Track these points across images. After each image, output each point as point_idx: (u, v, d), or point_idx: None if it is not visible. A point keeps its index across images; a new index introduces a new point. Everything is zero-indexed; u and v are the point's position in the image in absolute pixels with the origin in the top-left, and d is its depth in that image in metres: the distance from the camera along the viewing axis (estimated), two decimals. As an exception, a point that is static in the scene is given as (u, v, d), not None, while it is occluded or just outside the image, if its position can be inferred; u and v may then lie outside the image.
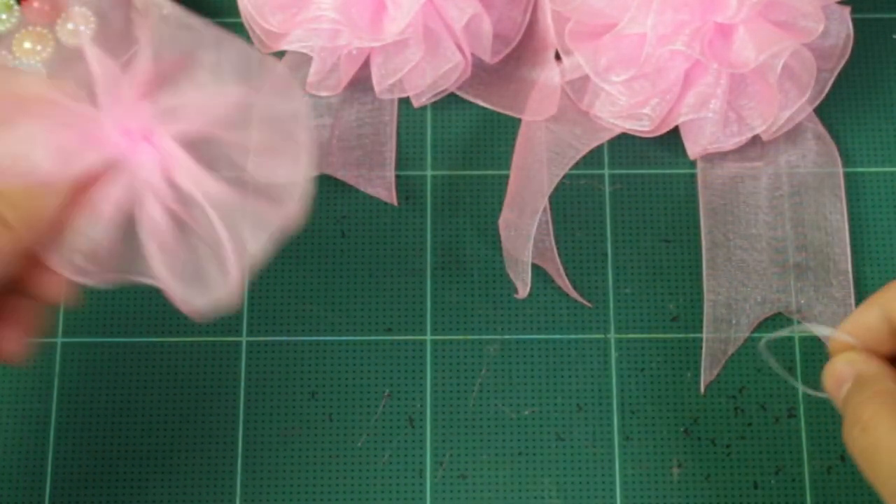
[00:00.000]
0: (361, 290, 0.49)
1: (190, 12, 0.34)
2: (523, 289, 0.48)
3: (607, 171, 0.51)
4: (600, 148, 0.51)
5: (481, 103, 0.52)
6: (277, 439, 0.47)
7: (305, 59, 0.51)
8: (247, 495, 0.47)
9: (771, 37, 0.47)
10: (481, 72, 0.52)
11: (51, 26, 0.52)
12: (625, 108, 0.49)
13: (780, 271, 0.49)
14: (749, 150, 0.51)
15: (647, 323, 0.49)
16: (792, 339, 0.49)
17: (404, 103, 0.52)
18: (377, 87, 0.50)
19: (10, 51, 0.52)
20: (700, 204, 0.50)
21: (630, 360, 0.48)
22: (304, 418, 0.48)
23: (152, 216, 0.34)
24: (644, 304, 0.49)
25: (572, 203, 0.51)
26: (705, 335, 0.48)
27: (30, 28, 0.52)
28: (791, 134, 0.50)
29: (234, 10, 0.51)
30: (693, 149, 0.50)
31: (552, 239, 0.49)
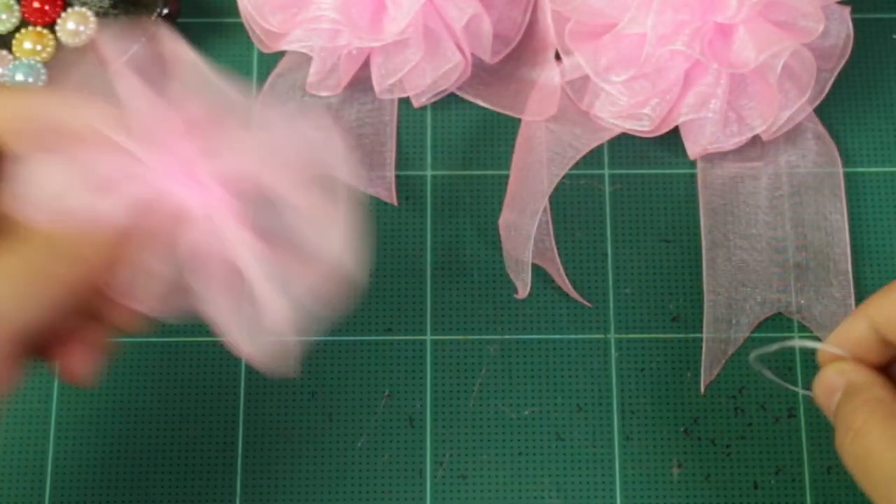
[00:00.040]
0: (361, 290, 0.49)
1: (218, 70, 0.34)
2: (523, 289, 0.48)
3: (607, 171, 0.51)
4: (600, 148, 0.51)
5: (481, 103, 0.52)
6: (277, 439, 0.47)
7: (305, 59, 0.51)
8: (247, 495, 0.47)
9: (771, 37, 0.47)
10: (481, 72, 0.52)
11: (51, 26, 0.52)
12: (625, 108, 0.49)
13: (780, 271, 0.49)
14: (749, 150, 0.51)
15: (647, 323, 0.49)
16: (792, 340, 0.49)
17: (404, 103, 0.52)
18: (377, 87, 0.50)
19: (10, 50, 0.52)
20: (700, 204, 0.50)
21: (630, 360, 0.48)
22: (304, 418, 0.48)
23: (202, 261, 0.34)
24: (644, 304, 0.49)
25: (572, 203, 0.51)
26: (705, 335, 0.48)
27: (30, 28, 0.52)
28: (791, 134, 0.50)
29: (234, 10, 0.51)
30: (693, 149, 0.50)
31: (552, 239, 0.49)
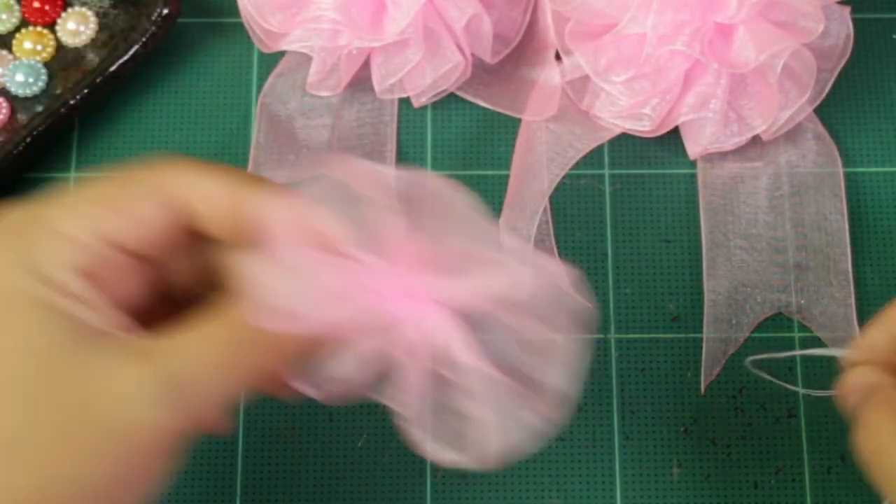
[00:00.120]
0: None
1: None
2: (524, 289, 0.48)
3: (607, 171, 0.51)
4: (600, 148, 0.51)
5: (481, 103, 0.52)
6: (278, 439, 0.47)
7: (305, 59, 0.51)
8: (247, 495, 0.47)
9: (771, 37, 0.47)
10: (481, 72, 0.52)
11: (51, 26, 0.52)
12: (625, 108, 0.49)
13: (780, 271, 0.49)
14: (749, 150, 0.51)
15: (647, 323, 0.49)
16: (792, 340, 0.49)
17: (404, 103, 0.52)
18: (377, 87, 0.50)
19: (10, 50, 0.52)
20: (700, 204, 0.50)
21: (630, 360, 0.48)
22: (305, 418, 0.48)
23: (413, 375, 0.35)
24: (644, 304, 0.49)
25: (572, 203, 0.50)
26: (705, 335, 0.48)
27: (30, 28, 0.52)
28: (791, 134, 0.50)
29: (234, 10, 0.51)
30: (693, 149, 0.50)
31: (552, 239, 0.49)
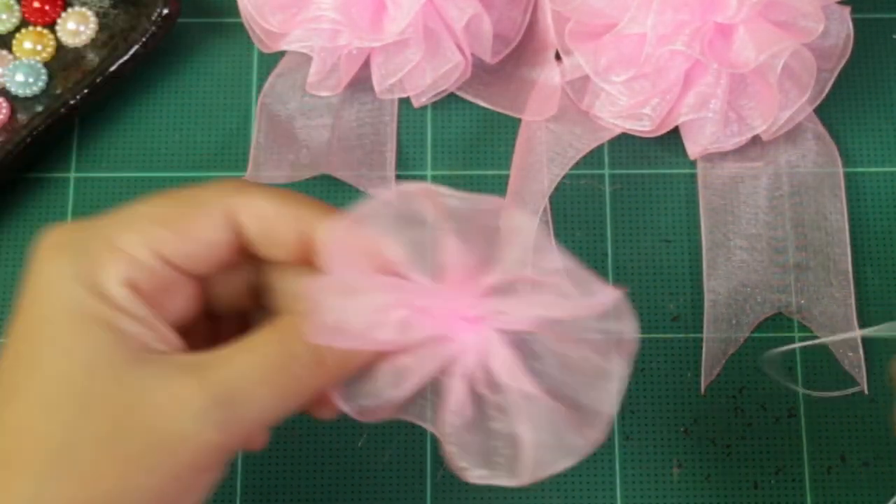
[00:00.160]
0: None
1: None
2: (524, 289, 0.48)
3: (607, 171, 0.51)
4: (600, 148, 0.51)
5: (481, 103, 0.52)
6: (278, 439, 0.47)
7: (305, 59, 0.51)
8: (247, 495, 0.47)
9: (771, 37, 0.47)
10: (481, 72, 0.52)
11: (51, 26, 0.52)
12: (625, 108, 0.49)
13: (780, 271, 0.49)
14: (749, 150, 0.51)
15: (647, 323, 0.49)
16: (792, 340, 0.49)
17: (404, 103, 0.52)
18: (377, 87, 0.50)
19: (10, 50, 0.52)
20: (700, 204, 0.50)
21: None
22: (305, 418, 0.47)
23: (458, 393, 0.35)
24: (644, 304, 0.49)
25: (572, 203, 0.50)
26: (705, 335, 0.48)
27: (30, 28, 0.52)
28: (791, 134, 0.50)
29: (234, 10, 0.51)
30: (693, 149, 0.50)
31: (552, 239, 0.49)
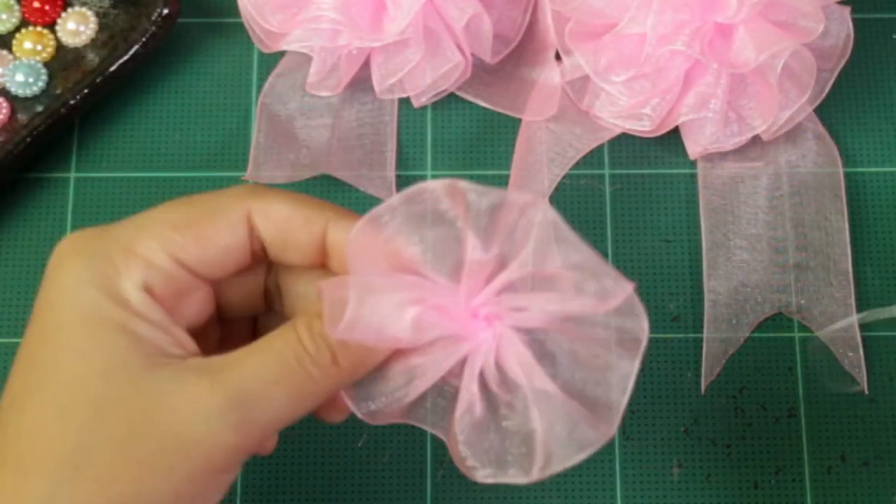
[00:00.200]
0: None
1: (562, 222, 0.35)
2: (524, 289, 0.48)
3: (607, 171, 0.51)
4: (600, 148, 0.51)
5: (481, 103, 0.52)
6: (277, 439, 0.47)
7: (305, 59, 0.51)
8: (247, 495, 0.47)
9: (771, 37, 0.47)
10: (481, 72, 0.52)
11: (51, 26, 0.52)
12: (625, 108, 0.49)
13: (780, 271, 0.49)
14: (749, 150, 0.51)
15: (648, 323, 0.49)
16: (792, 340, 0.49)
17: (404, 103, 0.52)
18: (377, 87, 0.50)
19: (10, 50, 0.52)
20: (700, 204, 0.50)
21: (630, 360, 0.48)
22: (305, 418, 0.47)
23: (470, 391, 0.35)
24: (644, 304, 0.49)
25: (572, 203, 0.50)
26: (705, 335, 0.48)
27: (30, 28, 0.52)
28: (791, 134, 0.50)
29: (234, 10, 0.51)
30: (693, 149, 0.50)
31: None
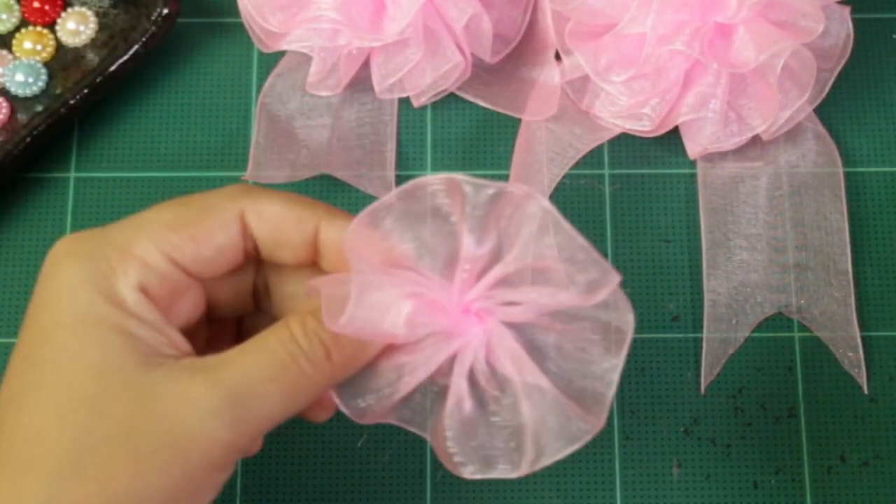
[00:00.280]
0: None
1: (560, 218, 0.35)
2: (524, 289, 0.48)
3: (607, 171, 0.51)
4: (600, 148, 0.51)
5: (481, 103, 0.52)
6: (278, 439, 0.47)
7: (305, 59, 0.51)
8: (247, 495, 0.47)
9: (771, 37, 0.47)
10: (481, 72, 0.52)
11: (51, 26, 0.52)
12: (625, 108, 0.49)
13: (780, 271, 0.49)
14: (749, 150, 0.51)
15: (647, 323, 0.49)
16: (792, 340, 0.49)
17: (404, 103, 0.52)
18: (377, 87, 0.50)
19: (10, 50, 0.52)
20: (700, 204, 0.50)
21: (630, 360, 0.48)
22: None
23: (460, 387, 0.35)
24: (644, 304, 0.49)
25: (572, 203, 0.51)
26: (705, 335, 0.48)
27: (30, 28, 0.52)
28: (791, 134, 0.50)
29: (234, 10, 0.51)
30: (693, 149, 0.50)
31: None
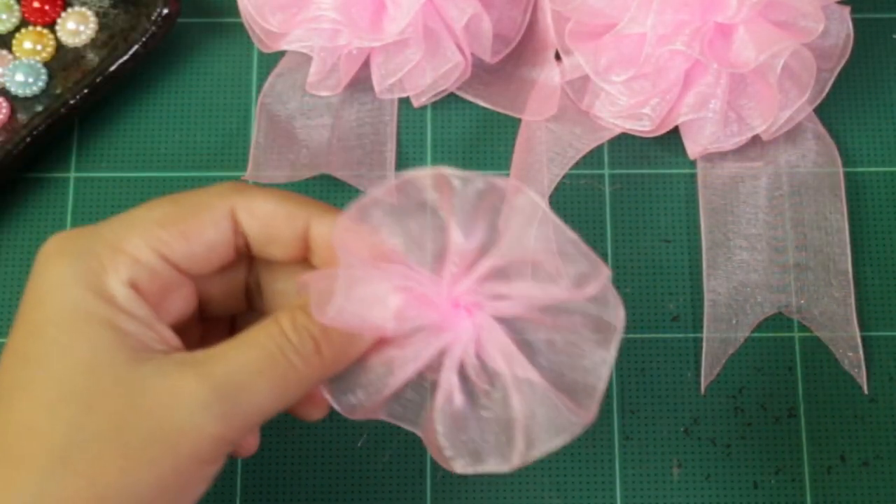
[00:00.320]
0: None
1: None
2: (524, 289, 0.48)
3: (607, 171, 0.51)
4: (600, 148, 0.51)
5: (481, 103, 0.52)
6: (277, 440, 0.47)
7: (305, 59, 0.51)
8: (247, 495, 0.47)
9: (771, 37, 0.47)
10: (481, 72, 0.52)
11: (51, 26, 0.52)
12: (625, 108, 0.49)
13: (780, 271, 0.49)
14: (749, 150, 0.51)
15: (647, 323, 0.49)
16: (792, 340, 0.49)
17: (404, 103, 0.52)
18: (377, 87, 0.50)
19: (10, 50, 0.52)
20: (700, 204, 0.50)
21: (630, 360, 0.48)
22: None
23: (450, 381, 0.35)
24: (644, 304, 0.49)
25: (572, 203, 0.51)
26: (705, 335, 0.48)
27: (30, 28, 0.52)
28: (791, 134, 0.50)
29: (234, 10, 0.51)
30: (693, 149, 0.50)
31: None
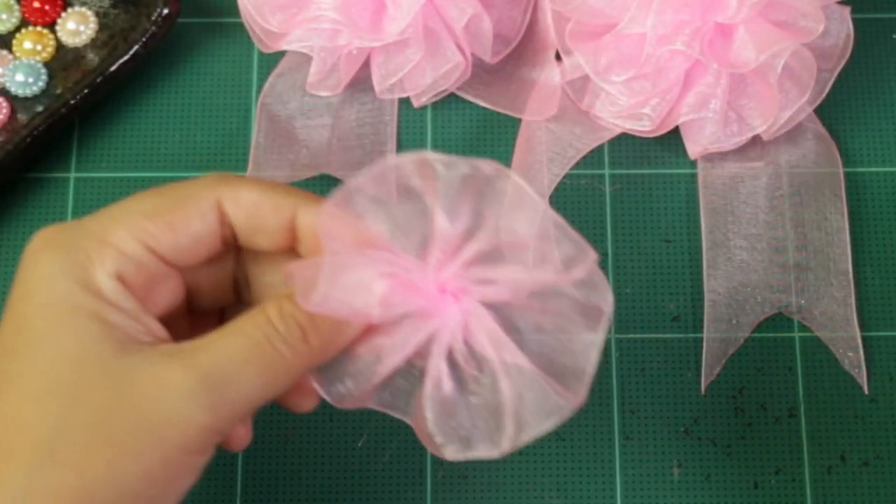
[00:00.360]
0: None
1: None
2: (524, 289, 0.48)
3: (607, 171, 0.51)
4: (600, 148, 0.51)
5: (481, 103, 0.52)
6: (278, 439, 0.47)
7: (305, 59, 0.51)
8: (247, 495, 0.47)
9: (771, 37, 0.47)
10: (481, 72, 0.52)
11: (51, 26, 0.52)
12: (625, 108, 0.49)
13: (780, 271, 0.49)
14: (749, 150, 0.51)
15: (647, 323, 0.49)
16: (792, 340, 0.49)
17: (404, 103, 0.52)
18: (377, 87, 0.50)
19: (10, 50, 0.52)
20: (700, 204, 0.50)
21: (630, 360, 0.48)
22: (305, 418, 0.48)
23: (438, 368, 0.35)
24: (644, 304, 0.49)
25: (572, 203, 0.51)
26: (705, 335, 0.48)
27: (30, 28, 0.52)
28: (791, 134, 0.50)
29: (234, 10, 0.51)
30: (693, 149, 0.50)
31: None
